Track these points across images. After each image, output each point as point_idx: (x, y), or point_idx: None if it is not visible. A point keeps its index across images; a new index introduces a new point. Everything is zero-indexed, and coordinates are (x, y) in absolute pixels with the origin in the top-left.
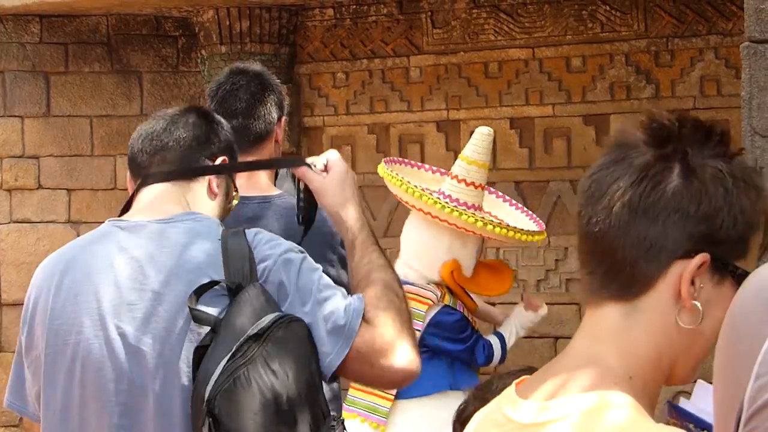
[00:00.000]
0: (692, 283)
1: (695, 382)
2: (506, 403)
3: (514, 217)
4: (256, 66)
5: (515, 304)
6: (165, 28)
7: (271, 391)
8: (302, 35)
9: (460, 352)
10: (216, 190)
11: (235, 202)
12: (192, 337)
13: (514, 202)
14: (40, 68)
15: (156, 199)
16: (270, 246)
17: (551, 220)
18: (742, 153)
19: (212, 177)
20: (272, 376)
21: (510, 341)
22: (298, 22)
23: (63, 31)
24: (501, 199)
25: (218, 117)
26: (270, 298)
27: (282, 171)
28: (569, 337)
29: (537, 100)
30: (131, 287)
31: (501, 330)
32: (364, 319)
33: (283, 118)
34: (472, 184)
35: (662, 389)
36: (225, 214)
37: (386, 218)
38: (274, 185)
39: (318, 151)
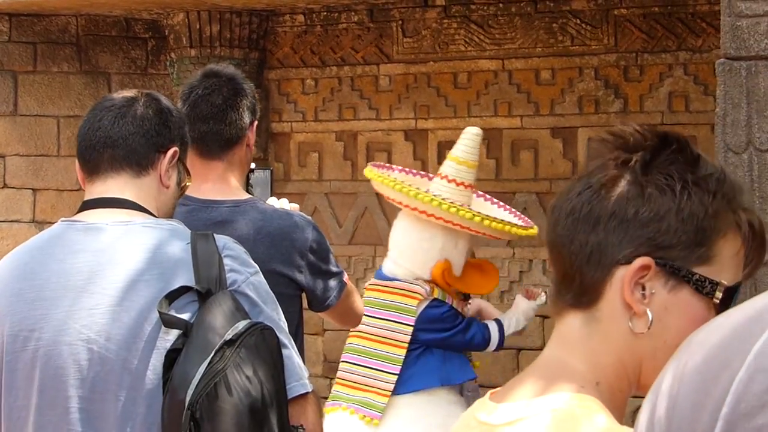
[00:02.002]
0: (643, 288)
1: None
2: (479, 409)
3: (503, 216)
4: (229, 69)
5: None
6: (134, 30)
7: (247, 396)
8: (272, 41)
9: (452, 336)
10: (167, 182)
11: (188, 184)
12: (160, 345)
13: (501, 204)
14: (8, 67)
15: (110, 198)
16: (240, 262)
17: None
18: (700, 159)
19: (162, 169)
20: (247, 382)
21: (510, 329)
22: (268, 28)
23: (32, 30)
24: (489, 202)
25: (167, 102)
26: (239, 305)
27: (253, 176)
28: (531, 349)
29: (505, 111)
30: (92, 291)
31: (500, 318)
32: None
33: (255, 123)
34: (462, 183)
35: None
36: (176, 202)
37: (353, 225)
38: (246, 191)
39: (285, 157)
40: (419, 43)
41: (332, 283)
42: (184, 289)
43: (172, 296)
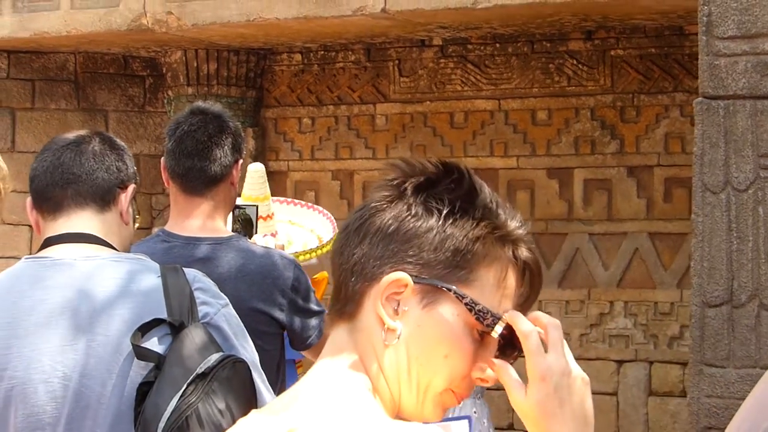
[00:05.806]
0: (398, 304)
1: None
2: (242, 420)
3: (310, 217)
4: (215, 107)
5: None
6: (132, 68)
7: (218, 429)
8: (269, 79)
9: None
10: (127, 218)
11: (136, 225)
12: (133, 378)
13: (303, 202)
14: (7, 104)
15: (76, 233)
16: (211, 294)
17: None
18: (479, 191)
19: (123, 205)
20: (219, 415)
21: None
22: (265, 66)
23: (30, 67)
24: (292, 204)
25: (120, 142)
26: (212, 338)
27: (238, 213)
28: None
29: (501, 151)
30: (65, 326)
31: None
32: None
33: (240, 161)
34: (260, 217)
35: None
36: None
37: None
38: (232, 228)
39: (281, 196)
40: (416, 83)
41: (313, 321)
42: (156, 322)
43: (145, 328)
